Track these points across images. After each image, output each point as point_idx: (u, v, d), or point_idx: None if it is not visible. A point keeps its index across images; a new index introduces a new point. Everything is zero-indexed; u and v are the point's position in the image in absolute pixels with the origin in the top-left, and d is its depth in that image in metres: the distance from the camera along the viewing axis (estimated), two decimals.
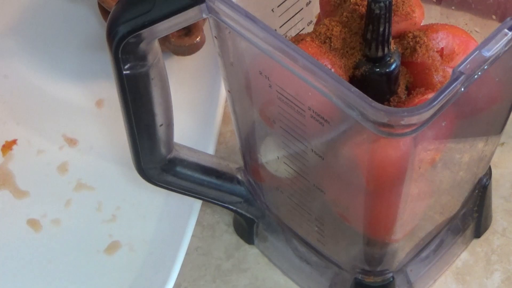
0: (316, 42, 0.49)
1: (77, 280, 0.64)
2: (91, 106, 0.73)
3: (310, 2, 0.58)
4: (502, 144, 0.69)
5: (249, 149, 0.58)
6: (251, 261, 0.64)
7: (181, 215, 0.64)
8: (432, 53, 0.50)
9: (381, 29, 0.46)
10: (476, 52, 0.43)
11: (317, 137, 0.49)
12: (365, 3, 0.48)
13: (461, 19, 0.55)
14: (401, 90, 0.50)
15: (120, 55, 0.49)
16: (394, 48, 0.49)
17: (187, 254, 0.63)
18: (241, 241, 0.65)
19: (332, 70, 0.48)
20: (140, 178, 0.58)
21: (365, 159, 0.47)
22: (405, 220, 0.52)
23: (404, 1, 0.50)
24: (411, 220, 0.54)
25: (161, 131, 0.55)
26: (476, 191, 0.61)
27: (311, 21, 0.59)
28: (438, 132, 0.47)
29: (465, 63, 0.43)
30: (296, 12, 0.57)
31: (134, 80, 0.51)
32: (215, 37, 0.50)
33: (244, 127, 0.57)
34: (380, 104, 0.42)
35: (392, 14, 0.47)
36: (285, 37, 0.57)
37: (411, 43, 0.50)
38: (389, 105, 0.50)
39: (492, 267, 0.63)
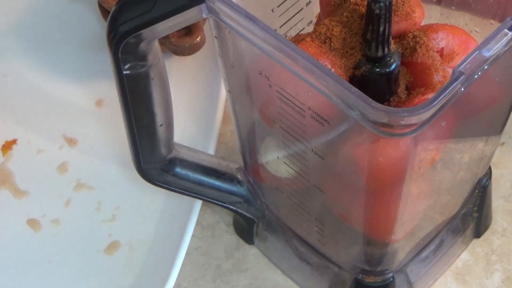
0: (316, 42, 0.49)
1: (77, 280, 0.64)
2: (91, 106, 0.73)
3: (310, 2, 0.58)
4: (502, 144, 0.69)
5: (249, 149, 0.58)
6: (251, 261, 0.64)
7: (181, 215, 0.64)
8: (432, 53, 0.50)
9: (381, 29, 0.46)
10: (476, 52, 0.43)
11: (317, 137, 0.49)
12: (365, 3, 0.48)
13: (461, 19, 0.55)
14: (401, 90, 0.50)
15: (120, 55, 0.49)
16: (394, 48, 0.49)
17: (187, 254, 0.63)
18: (241, 241, 0.65)
19: (332, 70, 0.48)
20: (140, 178, 0.58)
21: (365, 159, 0.47)
22: (405, 220, 0.52)
23: (404, 1, 0.49)
24: (411, 220, 0.54)
25: (161, 131, 0.55)
26: (476, 191, 0.61)
27: (311, 21, 0.59)
28: (438, 132, 0.47)
29: (465, 63, 0.43)
30: (296, 12, 0.57)
31: (134, 80, 0.51)
32: (215, 37, 0.50)
33: (244, 127, 0.57)
34: (380, 104, 0.42)
35: (392, 14, 0.47)
36: (285, 37, 0.57)
37: (411, 43, 0.50)
38: (389, 105, 0.50)
39: (492, 267, 0.63)
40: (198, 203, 0.64)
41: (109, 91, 0.72)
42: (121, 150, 0.67)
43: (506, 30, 0.44)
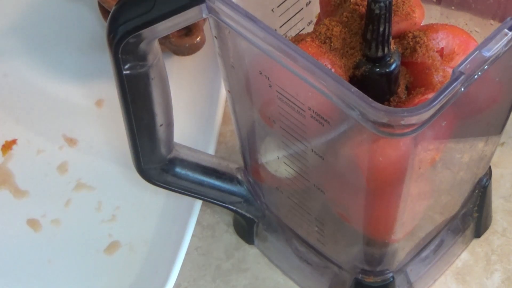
0: (316, 42, 0.49)
1: (77, 280, 0.64)
2: (91, 106, 0.73)
3: (310, 2, 0.58)
4: (502, 144, 0.69)
5: (249, 149, 0.58)
6: (251, 261, 0.64)
7: (181, 215, 0.64)
8: (432, 53, 0.50)
9: (381, 29, 0.46)
10: (476, 52, 0.43)
11: (317, 137, 0.49)
12: (365, 3, 0.48)
13: (461, 19, 0.55)
14: (401, 90, 0.50)
15: (120, 55, 0.49)
16: (394, 48, 0.49)
17: (187, 254, 0.63)
18: (241, 241, 0.65)
19: (332, 70, 0.48)
20: (140, 178, 0.58)
21: (365, 159, 0.47)
22: (405, 220, 0.52)
23: (404, 1, 0.49)
24: (411, 220, 0.54)
25: (161, 131, 0.55)
26: (476, 191, 0.61)
27: (311, 21, 0.59)
28: (438, 132, 0.47)
29: (465, 63, 0.43)
30: (296, 12, 0.57)
31: (134, 80, 0.51)
32: (215, 37, 0.50)
33: (244, 127, 0.57)
34: (380, 104, 0.42)
35: (392, 14, 0.47)
36: (285, 37, 0.57)
37: (411, 43, 0.50)
38: (389, 105, 0.50)
39: (492, 267, 0.63)
40: (198, 203, 0.64)
41: (109, 91, 0.72)
42: (121, 150, 0.67)
43: (506, 30, 0.44)
